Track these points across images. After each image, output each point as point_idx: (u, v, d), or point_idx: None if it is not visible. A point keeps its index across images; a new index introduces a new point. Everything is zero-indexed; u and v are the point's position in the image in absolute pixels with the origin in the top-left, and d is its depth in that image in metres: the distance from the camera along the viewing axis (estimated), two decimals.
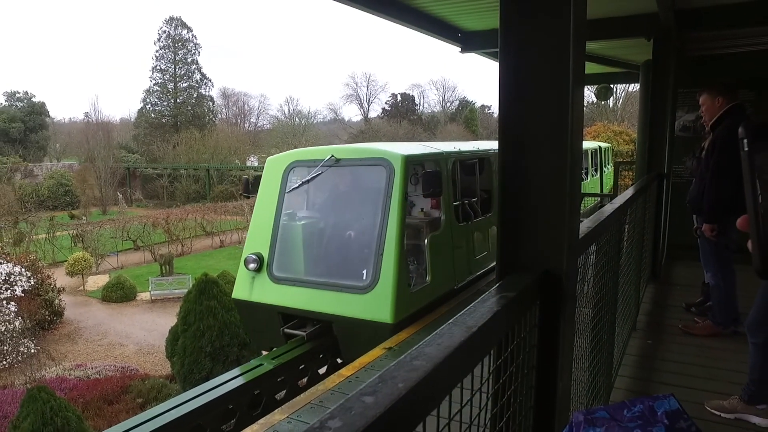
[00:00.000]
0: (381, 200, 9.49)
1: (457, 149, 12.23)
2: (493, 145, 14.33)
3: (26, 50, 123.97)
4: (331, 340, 9.88)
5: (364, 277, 9.35)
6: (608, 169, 28.82)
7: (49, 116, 75.27)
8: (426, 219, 11.27)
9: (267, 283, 10.22)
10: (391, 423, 1.19)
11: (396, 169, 9.49)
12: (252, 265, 10.28)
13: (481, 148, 13.71)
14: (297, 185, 10.48)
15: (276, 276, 10.19)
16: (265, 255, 10.34)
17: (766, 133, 1.00)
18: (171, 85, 77.40)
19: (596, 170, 25.72)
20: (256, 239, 10.68)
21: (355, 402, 1.20)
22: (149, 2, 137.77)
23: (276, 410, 6.47)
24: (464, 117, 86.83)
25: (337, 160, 10.04)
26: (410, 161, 9.91)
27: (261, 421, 6.23)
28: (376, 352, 7.78)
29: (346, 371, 7.39)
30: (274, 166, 10.93)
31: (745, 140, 1.02)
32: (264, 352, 10.53)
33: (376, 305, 9.01)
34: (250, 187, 11.80)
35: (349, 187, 10.64)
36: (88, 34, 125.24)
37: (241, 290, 10.56)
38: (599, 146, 27.10)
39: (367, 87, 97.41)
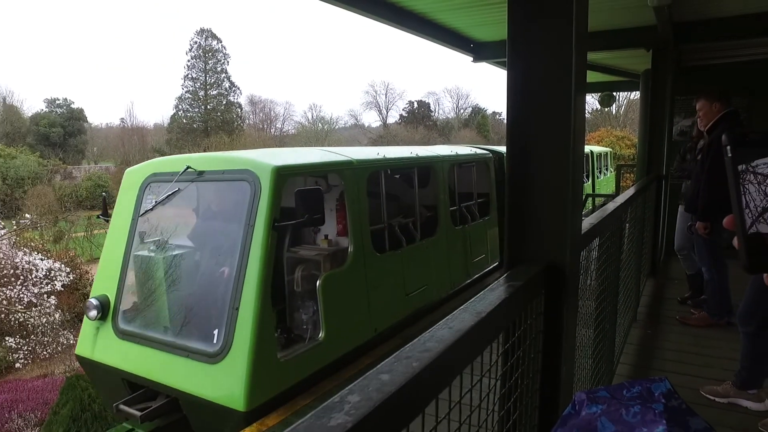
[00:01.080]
0: (241, 229, 6.61)
1: (380, 156, 8.99)
2: (442, 150, 11.49)
3: (65, 59, 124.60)
4: (182, 421, 6.94)
5: (215, 340, 6.40)
6: (606, 174, 25.92)
7: (86, 121, 75.26)
8: (326, 251, 8.05)
9: (111, 338, 7.34)
10: (406, 399, 1.22)
11: (263, 186, 6.61)
12: (92, 313, 7.41)
13: (424, 154, 10.43)
14: (151, 206, 7.56)
15: (121, 329, 7.28)
16: (112, 299, 7.46)
17: (746, 142, 1.03)
18: (202, 93, 77.46)
19: (587, 176, 21.91)
20: (105, 277, 7.75)
21: (372, 379, 1.23)
22: (180, 12, 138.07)
23: (299, 396, 6.51)
24: (477, 123, 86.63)
25: (200, 173, 7.15)
26: (287, 173, 6.95)
27: (287, 405, 6.28)
28: None
29: (366, 359, 7.43)
30: (130, 181, 7.93)
31: (728, 147, 1.04)
32: None
33: (225, 382, 6.17)
34: (109, 209, 8.72)
35: (211, 209, 7.72)
36: (121, 42, 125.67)
37: (83, 345, 7.63)
38: (590, 151, 22.75)
39: (386, 94, 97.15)
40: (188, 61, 78.20)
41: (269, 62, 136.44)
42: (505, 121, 2.60)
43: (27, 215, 27.25)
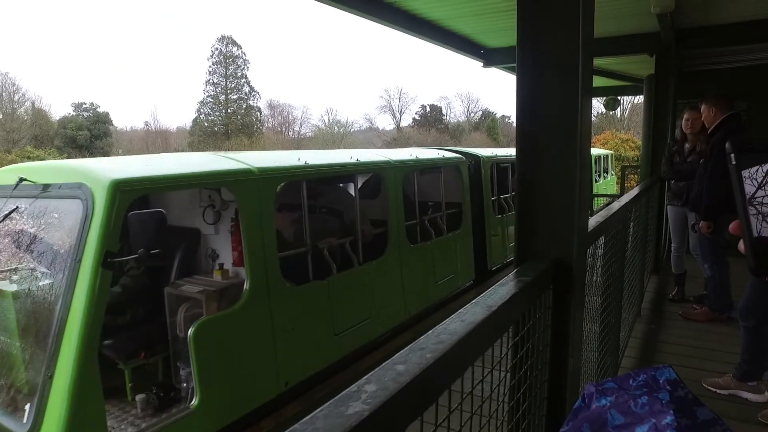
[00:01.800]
0: (67, 264, 4.49)
1: (300, 162, 6.54)
2: (397, 155, 8.83)
3: (86, 62, 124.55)
4: None
5: (25, 419, 4.24)
6: (606, 177, 24.31)
7: (112, 125, 75.24)
8: (213, 286, 5.66)
9: None
10: (420, 388, 1.22)
11: (96, 205, 4.44)
12: None
13: (369, 158, 8.07)
14: None
15: None
16: None
17: (748, 149, 1.02)
18: (222, 97, 77.77)
19: None
20: None
21: (388, 369, 1.23)
22: (202, 20, 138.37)
23: (315, 388, 6.48)
24: (486, 126, 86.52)
25: (45, 187, 4.93)
26: (134, 188, 4.67)
27: (302, 397, 6.26)
28: None
29: (378, 354, 7.40)
30: None
31: (732, 155, 1.03)
32: None
33: None
34: None
35: (47, 236, 5.05)
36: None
37: None
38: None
39: (399, 99, 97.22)
40: (209, 67, 78.59)
41: (287, 67, 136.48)
42: (514, 124, 2.60)
43: None
